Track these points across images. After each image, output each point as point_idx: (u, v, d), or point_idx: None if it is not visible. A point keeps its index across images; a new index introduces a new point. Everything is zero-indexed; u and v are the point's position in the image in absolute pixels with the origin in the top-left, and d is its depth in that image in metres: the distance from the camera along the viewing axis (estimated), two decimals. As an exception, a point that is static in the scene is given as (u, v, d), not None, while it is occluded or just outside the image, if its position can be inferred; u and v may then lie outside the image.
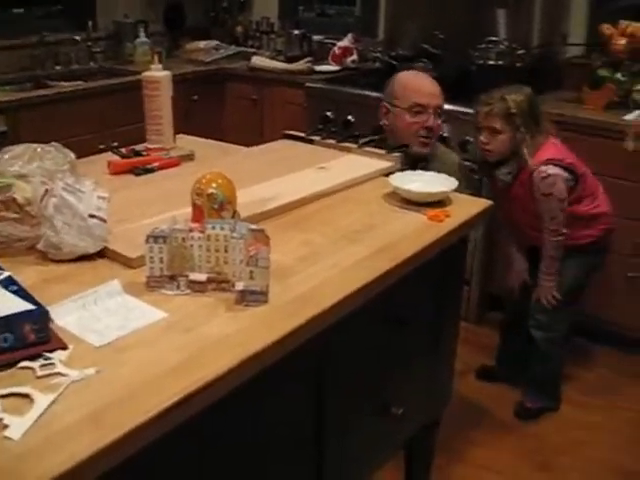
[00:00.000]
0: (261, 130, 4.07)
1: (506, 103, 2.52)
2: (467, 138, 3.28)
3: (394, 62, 3.90)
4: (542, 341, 2.82)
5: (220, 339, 1.24)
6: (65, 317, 1.28)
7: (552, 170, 2.52)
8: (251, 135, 3.81)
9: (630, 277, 3.13)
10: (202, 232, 1.38)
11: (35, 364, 1.15)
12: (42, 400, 1.06)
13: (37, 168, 1.82)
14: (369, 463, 1.87)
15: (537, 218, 2.63)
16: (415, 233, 1.72)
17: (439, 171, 2.05)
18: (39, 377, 1.12)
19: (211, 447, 1.26)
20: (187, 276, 1.39)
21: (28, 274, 1.43)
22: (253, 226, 1.37)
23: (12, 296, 1.23)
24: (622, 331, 3.23)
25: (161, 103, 2.25)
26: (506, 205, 2.72)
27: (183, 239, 1.37)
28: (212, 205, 1.43)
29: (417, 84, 2.57)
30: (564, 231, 2.60)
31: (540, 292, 2.75)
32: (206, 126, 3.61)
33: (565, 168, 2.55)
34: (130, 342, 1.22)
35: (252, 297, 1.34)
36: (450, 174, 2.00)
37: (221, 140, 2.62)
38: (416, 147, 2.51)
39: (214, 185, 1.44)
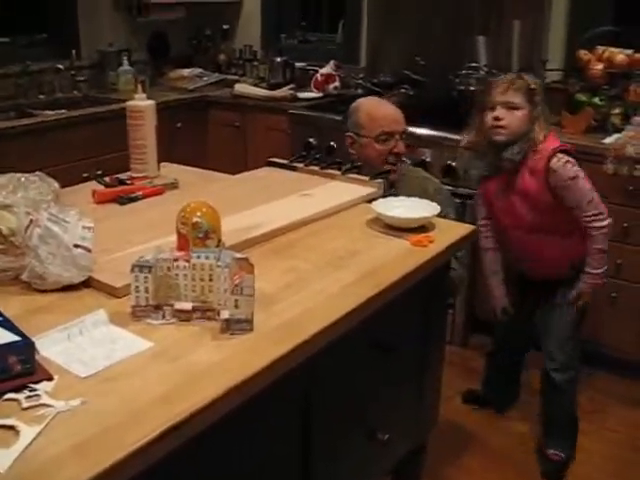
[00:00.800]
0: (245, 156, 4.09)
1: (526, 80, 2.46)
2: (449, 163, 3.31)
3: (376, 88, 3.93)
4: (563, 383, 2.66)
5: (206, 368, 1.24)
6: (50, 348, 1.28)
7: (569, 157, 2.42)
8: (235, 162, 3.83)
9: (614, 297, 3.16)
10: (187, 261, 1.38)
11: (20, 396, 1.14)
12: (28, 432, 1.06)
13: (21, 198, 1.82)
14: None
15: (545, 216, 2.48)
16: (399, 258, 1.73)
17: (409, 193, 2.09)
18: (24, 409, 1.12)
19: (196, 477, 1.26)
20: (172, 305, 1.39)
21: (12, 304, 1.43)
22: (238, 255, 1.38)
23: (-3, 328, 1.23)
24: (609, 352, 3.24)
25: (145, 132, 2.26)
26: (501, 214, 2.58)
27: (168, 268, 1.38)
28: (197, 234, 1.44)
29: (382, 113, 2.59)
30: (606, 212, 2.44)
31: (583, 291, 2.55)
32: (190, 153, 3.63)
33: (576, 159, 2.46)
34: (116, 372, 1.22)
35: (237, 325, 1.34)
36: (421, 194, 2.04)
37: (205, 167, 2.64)
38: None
39: (199, 214, 1.45)
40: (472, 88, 3.57)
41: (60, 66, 4.11)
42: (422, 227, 1.89)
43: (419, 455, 2.21)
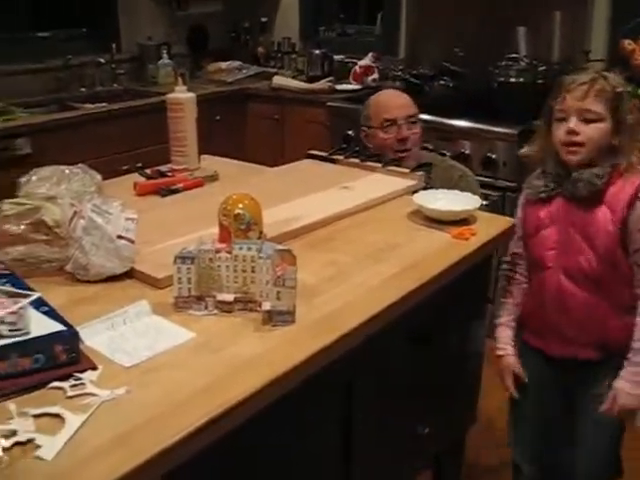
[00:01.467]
0: (282, 149, 4.09)
1: (610, 82, 1.86)
2: (489, 155, 3.28)
3: (415, 80, 3.91)
4: None
5: (248, 360, 1.24)
6: (94, 337, 1.29)
7: None
8: (273, 154, 3.83)
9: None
10: (229, 253, 1.39)
11: (66, 384, 1.16)
12: (73, 420, 1.07)
13: (65, 190, 1.84)
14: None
15: (607, 265, 1.88)
16: (440, 252, 1.72)
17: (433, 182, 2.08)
18: (70, 397, 1.13)
19: (237, 466, 1.26)
20: (214, 296, 1.40)
21: (57, 295, 1.44)
22: (280, 246, 1.38)
23: (43, 317, 1.25)
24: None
25: (185, 124, 2.27)
26: (546, 250, 1.96)
27: (210, 259, 1.39)
28: (239, 226, 1.44)
29: (383, 100, 2.60)
30: None
31: (620, 390, 1.88)
32: (228, 146, 3.64)
33: None
34: (159, 363, 1.23)
35: (279, 317, 1.34)
36: (446, 183, 2.03)
37: (243, 160, 2.64)
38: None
39: (241, 206, 1.45)
40: (512, 80, 3.53)
41: (101, 60, 4.16)
42: (464, 220, 1.87)
43: (458, 450, 2.19)
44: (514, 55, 3.71)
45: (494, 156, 3.26)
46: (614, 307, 1.91)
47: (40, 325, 1.21)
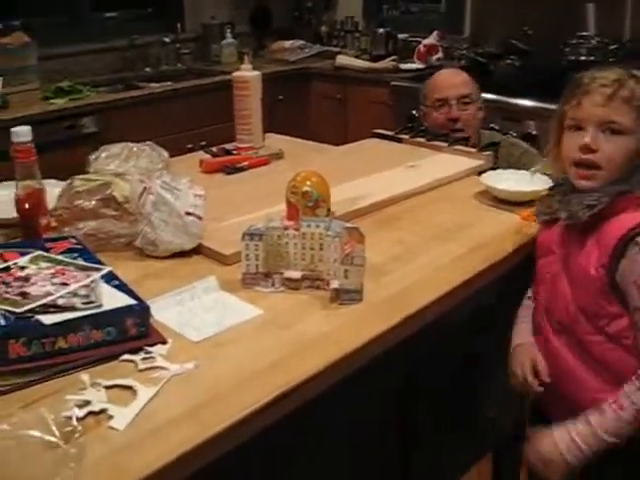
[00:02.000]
0: (345, 129, 4.06)
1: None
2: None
3: (480, 59, 3.83)
4: None
5: (316, 337, 1.24)
6: (163, 312, 1.30)
7: None
8: (335, 134, 3.81)
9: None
10: (297, 230, 1.38)
11: (136, 357, 1.17)
12: (144, 392, 1.08)
13: (133, 167, 1.87)
14: (454, 469, 1.84)
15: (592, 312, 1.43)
16: (509, 233, 1.68)
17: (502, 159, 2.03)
18: (141, 370, 1.14)
19: (300, 443, 1.27)
20: (282, 273, 1.39)
21: (127, 269, 1.45)
22: (348, 224, 1.37)
23: (114, 291, 1.26)
24: None
25: (250, 103, 2.28)
26: (541, 285, 1.58)
27: (278, 237, 1.38)
28: (307, 203, 1.43)
29: (435, 80, 2.57)
30: None
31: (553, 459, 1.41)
32: (291, 125, 3.62)
33: None
34: (227, 338, 1.24)
35: (347, 296, 1.33)
36: (507, 161, 1.97)
37: (306, 139, 2.64)
38: None
39: (309, 183, 1.45)
40: (582, 58, 3.43)
41: (165, 39, 4.19)
42: (532, 201, 1.83)
43: (519, 441, 2.16)
44: (585, 33, 3.61)
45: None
46: (608, 381, 1.42)
47: (111, 299, 1.23)
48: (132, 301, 1.23)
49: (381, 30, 4.36)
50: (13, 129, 1.50)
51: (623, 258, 1.36)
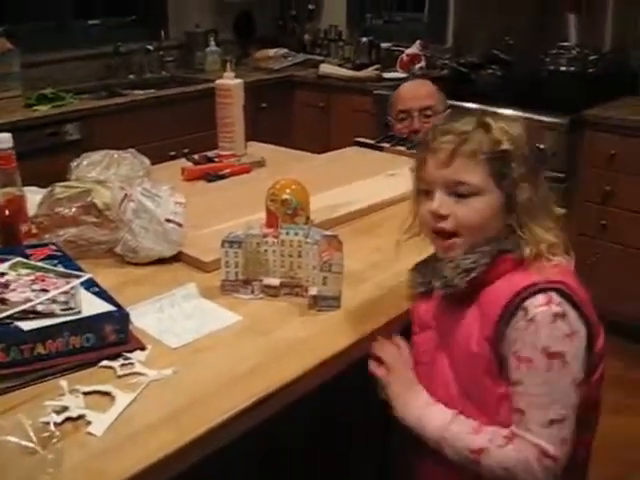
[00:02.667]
0: (328, 137, 4.07)
1: (491, 133, 1.22)
2: (538, 145, 3.23)
3: (462, 69, 3.87)
4: None
5: (294, 343, 1.26)
6: (143, 318, 1.31)
7: (565, 307, 1.16)
8: (318, 142, 3.81)
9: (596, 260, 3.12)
10: (276, 237, 1.40)
11: (115, 363, 1.18)
12: (123, 398, 1.09)
13: (114, 174, 1.88)
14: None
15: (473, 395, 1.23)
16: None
17: None
18: (119, 376, 1.15)
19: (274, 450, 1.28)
20: (261, 280, 1.41)
21: (107, 276, 1.46)
22: (327, 232, 1.39)
23: (94, 297, 1.27)
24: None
25: (233, 110, 2.29)
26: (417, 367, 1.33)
27: (257, 244, 1.40)
28: (286, 211, 1.44)
29: (399, 92, 2.61)
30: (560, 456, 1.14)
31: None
32: (274, 133, 3.64)
33: (576, 306, 1.17)
34: (206, 344, 1.25)
35: (325, 302, 1.35)
36: None
37: (289, 147, 2.65)
38: None
39: (288, 191, 1.46)
40: (563, 68, 3.47)
41: (149, 47, 4.19)
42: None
43: None
44: (565, 44, 3.65)
45: (542, 146, 3.21)
46: None
47: (91, 305, 1.24)
48: (111, 307, 1.23)
49: (364, 39, 4.38)
50: (-7, 136, 1.50)
51: (508, 327, 1.16)
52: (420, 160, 1.28)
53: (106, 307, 1.23)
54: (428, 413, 1.23)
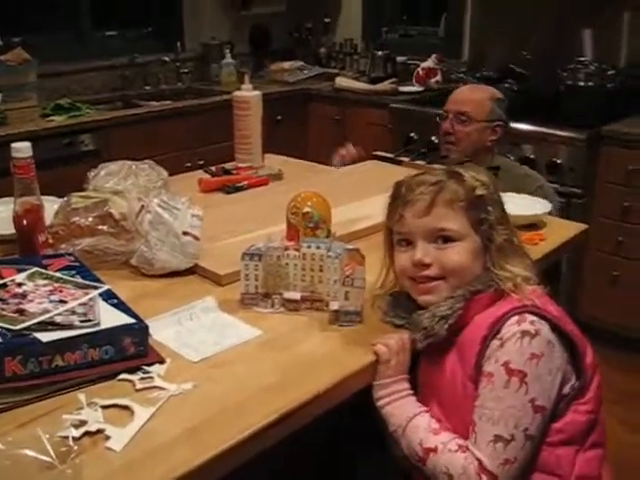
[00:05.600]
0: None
1: (464, 182, 1.29)
2: (554, 160, 3.21)
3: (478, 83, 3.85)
4: None
5: (316, 359, 1.23)
6: (162, 331, 1.29)
7: (539, 326, 1.19)
8: (334, 154, 3.81)
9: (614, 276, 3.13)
10: (298, 250, 1.38)
11: (134, 377, 1.16)
12: (142, 413, 1.07)
13: (131, 185, 1.87)
14: None
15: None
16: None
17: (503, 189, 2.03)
18: (138, 390, 1.13)
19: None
20: (281, 294, 1.39)
21: (122, 288, 1.44)
22: (349, 246, 1.37)
23: (112, 309, 1.25)
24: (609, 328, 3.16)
25: (251, 123, 2.28)
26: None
27: (278, 257, 1.38)
28: (307, 224, 1.43)
29: (452, 93, 2.59)
30: (499, 475, 1.14)
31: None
32: (289, 146, 3.63)
33: (553, 326, 1.20)
34: (226, 358, 1.23)
35: (346, 317, 1.33)
36: (517, 189, 1.95)
37: (304, 160, 2.64)
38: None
39: (309, 204, 1.44)
40: (580, 83, 3.44)
41: (165, 58, 4.20)
42: (533, 225, 1.83)
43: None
44: (582, 58, 3.63)
45: (559, 161, 3.19)
46: None
47: (109, 317, 1.22)
48: (131, 320, 1.22)
49: (380, 52, 4.38)
50: (13, 144, 1.49)
51: (484, 356, 1.19)
52: (395, 214, 1.32)
53: (125, 319, 1.21)
54: (400, 402, 1.26)
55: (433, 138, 3.48)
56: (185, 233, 1.54)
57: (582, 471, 1.21)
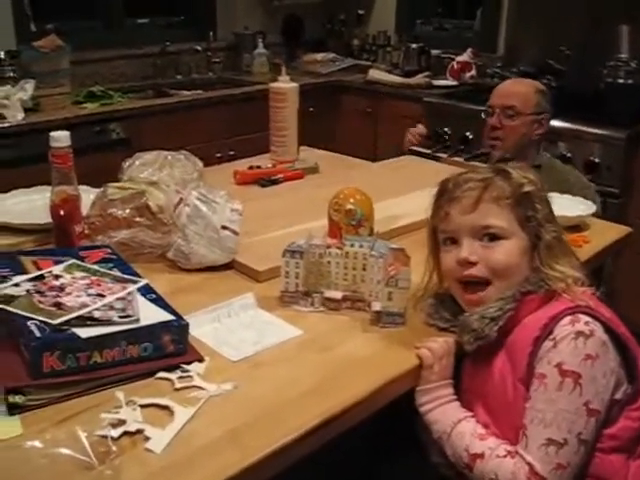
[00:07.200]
0: (375, 143, 4.02)
1: (511, 179, 1.27)
2: (592, 159, 3.14)
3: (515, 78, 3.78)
4: None
5: (358, 361, 1.20)
6: (200, 328, 1.27)
7: (593, 326, 1.15)
8: (365, 148, 3.77)
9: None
10: (340, 249, 1.34)
11: (173, 375, 1.14)
12: (182, 413, 1.04)
13: (167, 176, 1.84)
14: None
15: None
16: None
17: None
18: (177, 389, 1.11)
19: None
20: (322, 293, 1.35)
21: (159, 282, 1.41)
22: (393, 245, 1.33)
23: (151, 305, 1.22)
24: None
25: (287, 115, 2.25)
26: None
27: (320, 255, 1.34)
28: (350, 221, 1.39)
29: (496, 87, 2.53)
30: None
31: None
32: (320, 138, 3.59)
33: (606, 327, 1.17)
34: (266, 358, 1.20)
35: (389, 319, 1.29)
36: (559, 189, 1.90)
37: (334, 152, 2.60)
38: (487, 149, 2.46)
39: (352, 201, 1.41)
40: (620, 81, 3.37)
41: (197, 47, 4.17)
42: (576, 226, 1.78)
43: None
44: (622, 55, 3.55)
45: (597, 160, 3.13)
46: None
47: (148, 313, 1.19)
48: (170, 316, 1.19)
49: (414, 45, 4.32)
50: (52, 133, 1.46)
51: (537, 357, 1.16)
52: (440, 212, 1.30)
53: (165, 316, 1.19)
54: (444, 407, 1.23)
55: (467, 134, 3.44)
56: (224, 227, 1.51)
57: (636, 479, 1.17)
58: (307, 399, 1.09)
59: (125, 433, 1.00)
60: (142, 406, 1.06)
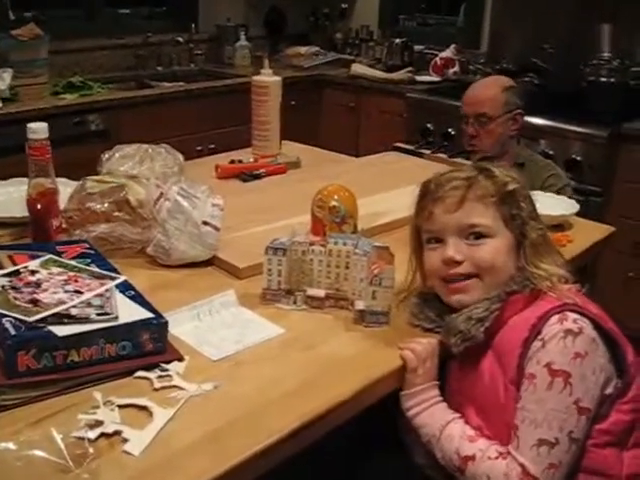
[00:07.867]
0: (357, 138, 4.00)
1: (495, 177, 1.27)
2: (574, 157, 3.14)
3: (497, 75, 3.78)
4: None
5: (342, 360, 1.19)
6: (179, 326, 1.24)
7: (582, 324, 1.15)
8: (347, 142, 3.75)
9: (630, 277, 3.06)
10: (324, 246, 1.32)
11: (152, 375, 1.11)
12: (161, 414, 1.02)
13: (147, 169, 1.81)
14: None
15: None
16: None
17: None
18: (156, 389, 1.08)
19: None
20: (305, 291, 1.33)
21: (138, 277, 1.38)
22: (377, 243, 1.31)
23: (130, 302, 1.20)
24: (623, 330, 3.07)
25: (269, 108, 2.22)
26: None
27: (303, 252, 1.32)
28: (334, 218, 1.37)
29: (464, 95, 2.52)
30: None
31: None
32: (302, 132, 3.56)
33: (595, 324, 1.17)
34: (247, 357, 1.18)
35: (373, 318, 1.27)
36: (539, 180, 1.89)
37: (316, 146, 2.58)
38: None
39: (336, 197, 1.39)
40: (603, 79, 3.37)
41: (179, 39, 4.12)
42: (559, 225, 1.77)
43: None
44: (605, 54, 3.55)
45: (579, 158, 3.13)
46: None
47: (127, 311, 1.16)
48: (149, 314, 1.16)
49: (397, 40, 4.29)
50: (29, 125, 1.43)
51: (526, 358, 1.15)
52: (424, 212, 1.28)
53: (143, 313, 1.16)
54: (431, 410, 1.22)
55: (450, 130, 3.43)
56: (205, 223, 1.49)
57: (631, 469, 1.17)
58: (290, 399, 1.07)
59: (102, 435, 0.97)
60: (120, 406, 1.03)
